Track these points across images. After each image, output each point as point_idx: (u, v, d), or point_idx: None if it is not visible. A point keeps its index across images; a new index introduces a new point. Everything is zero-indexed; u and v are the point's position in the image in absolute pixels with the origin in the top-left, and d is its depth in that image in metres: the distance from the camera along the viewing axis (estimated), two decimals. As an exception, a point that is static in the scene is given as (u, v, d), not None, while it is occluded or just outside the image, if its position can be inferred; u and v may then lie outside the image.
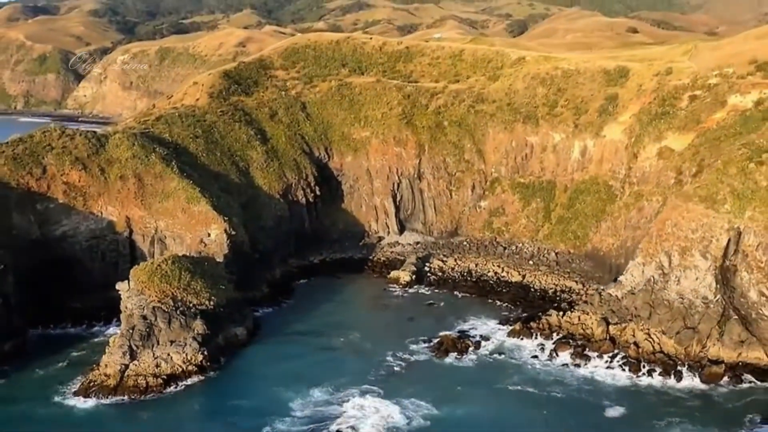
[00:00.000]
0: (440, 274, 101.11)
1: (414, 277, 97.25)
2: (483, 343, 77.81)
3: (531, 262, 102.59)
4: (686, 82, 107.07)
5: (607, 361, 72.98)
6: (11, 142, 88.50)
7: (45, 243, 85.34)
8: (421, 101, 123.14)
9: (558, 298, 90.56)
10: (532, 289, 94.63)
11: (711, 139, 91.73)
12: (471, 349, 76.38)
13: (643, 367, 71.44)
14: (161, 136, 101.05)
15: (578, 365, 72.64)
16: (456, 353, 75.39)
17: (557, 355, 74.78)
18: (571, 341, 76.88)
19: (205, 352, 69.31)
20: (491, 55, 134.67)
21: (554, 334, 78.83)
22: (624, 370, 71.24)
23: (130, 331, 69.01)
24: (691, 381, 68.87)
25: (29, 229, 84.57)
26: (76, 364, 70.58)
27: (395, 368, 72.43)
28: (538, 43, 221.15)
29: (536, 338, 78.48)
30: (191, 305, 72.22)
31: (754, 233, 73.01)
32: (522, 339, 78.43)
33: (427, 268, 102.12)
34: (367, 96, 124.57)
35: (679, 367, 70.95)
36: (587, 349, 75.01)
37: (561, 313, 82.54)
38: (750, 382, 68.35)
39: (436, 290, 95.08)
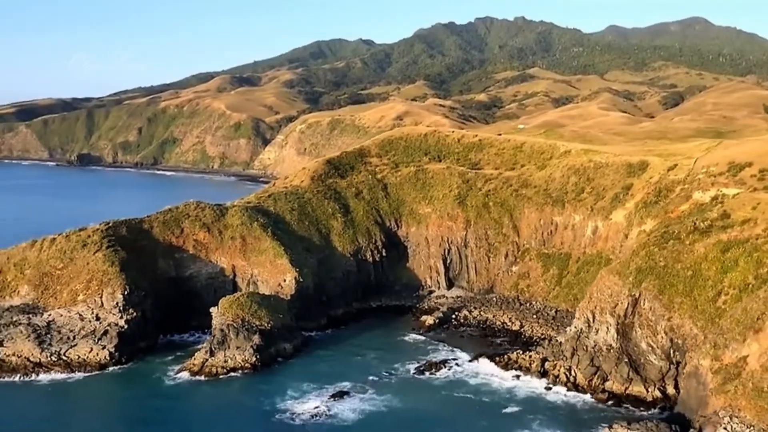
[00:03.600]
0: (463, 320, 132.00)
1: (438, 321, 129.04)
2: (455, 367, 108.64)
3: (535, 316, 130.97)
4: (681, 177, 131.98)
5: (531, 385, 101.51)
6: (164, 211, 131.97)
7: (178, 280, 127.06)
8: (477, 185, 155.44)
9: (536, 343, 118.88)
10: (522, 335, 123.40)
11: (663, 226, 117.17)
12: (444, 370, 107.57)
13: (556, 390, 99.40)
14: (267, 208, 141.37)
15: (512, 386, 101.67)
16: (432, 372, 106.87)
17: (501, 378, 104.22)
18: (515, 371, 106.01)
19: (258, 356, 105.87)
20: (545, 147, 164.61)
21: (508, 366, 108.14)
22: (538, 390, 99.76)
23: (213, 338, 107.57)
24: (583, 400, 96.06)
25: (168, 271, 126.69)
26: (182, 358, 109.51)
27: (385, 378, 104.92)
28: (636, 127, 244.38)
29: (496, 367, 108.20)
30: (254, 325, 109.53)
31: (647, 299, 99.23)
32: (482, 366, 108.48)
33: (454, 316, 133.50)
34: (436, 179, 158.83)
35: (578, 391, 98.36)
36: (523, 377, 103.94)
37: (521, 352, 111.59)
38: (626, 407, 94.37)
39: (451, 332, 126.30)
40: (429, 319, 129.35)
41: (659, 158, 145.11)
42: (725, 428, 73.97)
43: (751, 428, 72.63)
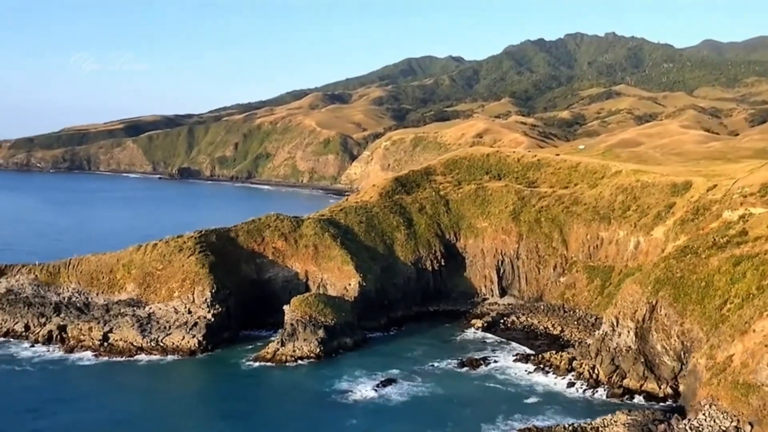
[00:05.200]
0: (509, 325, 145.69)
1: (486, 324, 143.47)
2: (492, 363, 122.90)
3: (576, 322, 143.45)
4: (719, 197, 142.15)
5: (557, 380, 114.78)
6: (248, 222, 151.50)
7: (259, 282, 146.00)
8: (532, 202, 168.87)
9: (571, 345, 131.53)
10: (560, 339, 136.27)
11: (691, 240, 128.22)
12: (482, 366, 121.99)
13: (578, 386, 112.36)
14: (338, 221, 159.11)
15: (539, 380, 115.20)
16: (470, 367, 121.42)
17: (530, 374, 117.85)
18: (546, 368, 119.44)
19: (322, 348, 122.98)
20: (598, 167, 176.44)
21: (541, 364, 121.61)
22: (561, 384, 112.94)
23: (284, 331, 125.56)
24: (599, 395, 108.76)
25: (250, 274, 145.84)
26: (258, 348, 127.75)
27: (429, 369, 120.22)
28: (705, 146, 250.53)
29: (528, 364, 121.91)
30: (319, 321, 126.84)
31: (663, 307, 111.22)
32: (517, 363, 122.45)
33: (502, 321, 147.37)
34: (494, 196, 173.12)
35: (598, 387, 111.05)
36: (550, 373, 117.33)
37: (554, 352, 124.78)
38: (639, 401, 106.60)
39: (497, 334, 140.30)
40: (478, 323, 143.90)
41: (703, 178, 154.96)
42: (704, 414, 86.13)
43: (725, 414, 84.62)
